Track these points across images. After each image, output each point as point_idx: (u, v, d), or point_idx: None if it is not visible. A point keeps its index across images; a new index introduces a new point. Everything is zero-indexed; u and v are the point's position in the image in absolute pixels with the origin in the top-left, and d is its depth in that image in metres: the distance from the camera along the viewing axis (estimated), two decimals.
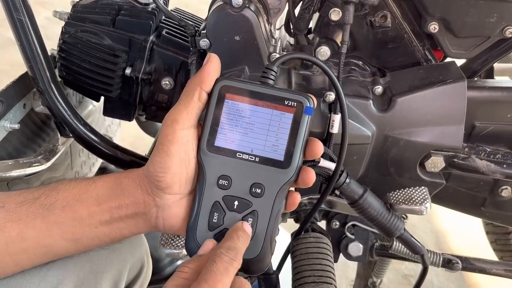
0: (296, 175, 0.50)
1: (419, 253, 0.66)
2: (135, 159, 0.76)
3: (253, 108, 0.50)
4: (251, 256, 0.49)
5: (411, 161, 0.69)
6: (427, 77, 0.68)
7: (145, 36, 0.75)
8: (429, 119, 0.66)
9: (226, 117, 0.50)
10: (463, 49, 0.69)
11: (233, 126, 0.50)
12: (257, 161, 0.49)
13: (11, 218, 0.50)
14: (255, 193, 0.49)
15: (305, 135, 0.50)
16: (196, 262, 0.46)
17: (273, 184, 0.49)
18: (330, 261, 0.64)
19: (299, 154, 0.49)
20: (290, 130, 0.49)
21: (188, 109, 0.49)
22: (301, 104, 0.49)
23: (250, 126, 0.50)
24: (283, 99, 0.49)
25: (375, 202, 0.61)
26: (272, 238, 0.50)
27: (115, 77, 0.74)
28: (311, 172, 0.51)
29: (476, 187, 0.77)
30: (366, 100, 0.66)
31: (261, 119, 0.50)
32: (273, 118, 0.49)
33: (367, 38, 0.71)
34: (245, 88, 0.50)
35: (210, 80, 0.50)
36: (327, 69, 0.54)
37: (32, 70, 0.69)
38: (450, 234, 1.66)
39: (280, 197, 0.50)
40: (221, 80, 0.50)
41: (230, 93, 0.50)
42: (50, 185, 0.53)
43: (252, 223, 0.49)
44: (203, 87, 0.50)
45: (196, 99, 0.50)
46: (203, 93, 0.50)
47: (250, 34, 0.64)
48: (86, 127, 0.73)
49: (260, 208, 0.50)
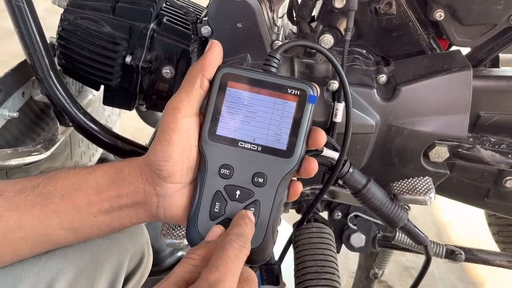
0: (298, 164, 0.49)
1: (422, 244, 0.65)
2: (136, 149, 0.75)
3: (256, 96, 0.49)
4: (253, 246, 0.49)
5: (415, 151, 0.68)
6: (432, 66, 0.67)
7: (146, 24, 0.74)
8: (433, 109, 0.65)
9: (228, 105, 0.49)
10: (469, 37, 0.68)
11: (235, 115, 0.49)
12: (260, 150, 0.49)
13: (9, 206, 0.49)
14: (257, 182, 0.49)
15: (308, 124, 0.49)
16: (204, 248, 0.45)
17: (275, 173, 0.49)
18: (333, 251, 0.63)
19: (302, 144, 0.49)
20: (293, 119, 0.48)
21: (190, 96, 0.49)
22: (304, 93, 0.48)
23: (253, 114, 0.49)
24: (286, 87, 0.49)
25: (379, 192, 0.60)
26: (274, 228, 0.50)
27: (115, 65, 0.73)
28: (313, 162, 0.50)
29: (480, 178, 0.76)
30: (370, 89, 0.65)
31: (264, 107, 0.49)
32: (275, 107, 0.49)
33: (371, 26, 0.69)
34: (247, 75, 0.49)
35: (212, 67, 0.50)
36: (331, 56, 0.53)
37: (31, 57, 0.68)
38: (451, 226, 1.65)
39: (283, 186, 0.49)
40: (223, 68, 0.50)
41: (232, 80, 0.49)
42: (48, 173, 0.52)
43: (254, 213, 0.49)
44: (205, 74, 0.49)
45: (198, 86, 0.49)
46: (205, 81, 0.49)
47: (252, 22, 0.63)
48: (86, 116, 0.72)
49: (262, 197, 0.49)
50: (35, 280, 0.53)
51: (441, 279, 1.46)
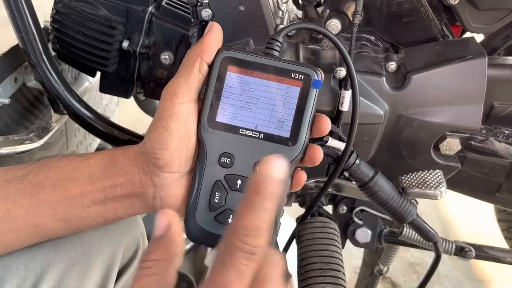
0: (303, 152, 0.47)
1: (432, 240, 0.62)
2: (133, 138, 0.73)
3: (257, 81, 0.46)
4: None
5: (425, 142, 0.65)
6: (444, 53, 0.63)
7: (144, 7, 0.71)
8: (445, 98, 0.62)
9: (228, 91, 0.47)
10: (484, 23, 0.64)
11: (235, 100, 0.47)
12: (262, 138, 0.46)
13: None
14: None
15: (313, 110, 0.46)
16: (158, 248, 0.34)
17: None
18: (338, 247, 0.60)
19: (306, 130, 0.46)
20: (296, 104, 0.46)
21: (188, 81, 0.46)
22: (308, 77, 0.46)
23: (254, 100, 0.47)
24: (289, 72, 0.46)
25: (386, 185, 0.58)
26: (276, 220, 0.47)
27: (111, 50, 0.70)
28: (318, 149, 0.47)
29: (492, 172, 0.73)
30: (379, 77, 0.62)
31: (266, 92, 0.46)
32: (278, 92, 0.46)
33: (381, 12, 0.66)
34: (248, 59, 0.46)
35: (211, 51, 0.47)
36: (337, 40, 0.50)
37: (23, 41, 0.65)
38: (457, 221, 1.63)
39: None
40: (223, 51, 0.47)
41: (233, 64, 0.47)
42: (40, 161, 0.50)
43: None
44: (203, 58, 0.47)
45: (196, 70, 0.46)
46: (203, 65, 0.47)
47: (255, 4, 0.59)
48: (80, 104, 0.70)
49: None
50: (24, 272, 0.51)
51: (447, 276, 1.44)
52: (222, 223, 0.47)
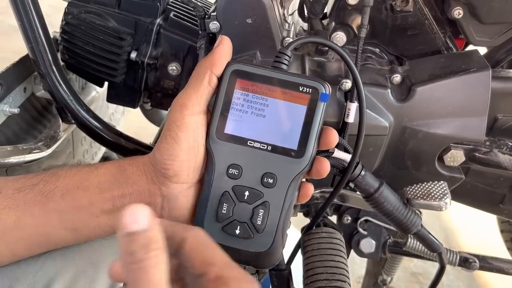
0: (310, 165, 0.47)
1: (436, 251, 0.62)
2: (140, 148, 0.73)
3: (266, 94, 0.47)
4: (262, 250, 0.47)
5: (429, 154, 0.65)
6: (448, 66, 0.64)
7: (152, 19, 0.71)
8: (450, 110, 0.63)
9: (237, 103, 0.47)
10: (488, 36, 0.65)
11: (244, 113, 0.47)
12: (269, 150, 0.47)
13: (8, 204, 0.48)
14: (266, 183, 0.47)
15: (320, 123, 0.47)
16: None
17: (285, 174, 0.47)
18: (343, 257, 0.60)
19: (313, 143, 0.47)
20: (304, 117, 0.47)
21: (198, 93, 0.47)
22: (316, 91, 0.46)
23: (262, 112, 0.47)
24: (297, 85, 0.47)
25: (392, 196, 0.58)
26: (283, 231, 0.48)
27: (119, 61, 0.71)
28: (325, 162, 0.48)
29: (496, 183, 0.73)
30: (384, 89, 0.63)
31: (274, 105, 0.47)
32: (286, 105, 0.47)
33: (386, 24, 0.67)
34: (257, 72, 0.47)
35: (221, 64, 0.48)
36: (344, 54, 0.51)
37: (33, 52, 0.66)
38: (460, 231, 1.63)
39: (293, 188, 0.47)
40: (232, 64, 0.48)
41: (242, 77, 0.47)
42: (49, 171, 0.50)
43: (263, 215, 0.47)
44: (213, 70, 0.47)
45: (206, 83, 0.47)
46: (213, 77, 0.47)
47: (263, 17, 0.60)
48: (89, 113, 0.70)
49: (271, 199, 0.47)
50: (33, 280, 0.51)
51: (450, 286, 1.43)
52: (229, 234, 0.47)
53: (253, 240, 0.47)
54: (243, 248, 0.47)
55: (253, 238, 0.47)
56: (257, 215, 0.47)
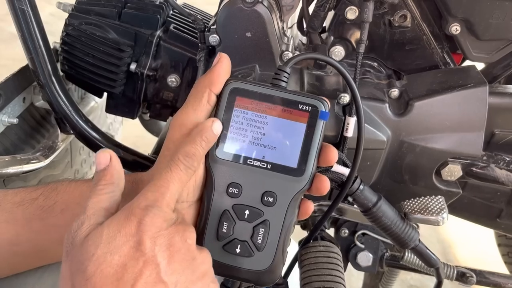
0: (310, 183, 0.47)
1: (434, 266, 0.62)
2: (138, 159, 0.73)
3: (265, 111, 0.47)
4: (262, 268, 0.46)
5: (427, 168, 0.66)
6: (446, 81, 0.65)
7: (152, 31, 0.72)
8: (447, 125, 0.63)
9: (236, 121, 0.47)
10: (485, 52, 0.66)
11: (243, 131, 0.47)
12: (269, 168, 0.46)
13: (6, 219, 0.47)
14: (267, 202, 0.47)
15: (320, 141, 0.47)
16: (106, 175, 0.43)
17: (286, 192, 0.46)
18: (341, 271, 0.60)
19: (313, 161, 0.46)
20: (304, 136, 0.46)
21: (197, 112, 0.47)
22: (315, 109, 0.46)
23: (262, 131, 0.47)
24: (297, 103, 0.46)
25: (390, 211, 0.58)
26: (284, 249, 0.47)
27: (119, 72, 0.71)
28: (325, 180, 0.48)
29: (493, 198, 0.73)
30: (382, 103, 0.63)
31: (274, 123, 0.46)
32: (286, 123, 0.46)
33: (384, 39, 0.68)
34: (256, 90, 0.47)
35: (220, 82, 0.47)
36: (344, 70, 0.51)
37: (33, 62, 0.66)
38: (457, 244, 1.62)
39: (293, 206, 0.47)
40: (231, 82, 0.47)
41: (241, 95, 0.47)
42: (49, 185, 0.50)
43: (263, 233, 0.47)
44: (212, 89, 0.47)
45: (205, 101, 0.47)
46: (212, 96, 0.47)
47: (262, 31, 0.61)
48: (87, 124, 0.70)
49: (272, 217, 0.47)
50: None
51: None
52: (230, 253, 0.47)
53: (253, 259, 0.47)
54: (244, 267, 0.47)
55: (253, 256, 0.47)
56: (258, 234, 0.47)
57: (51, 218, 0.48)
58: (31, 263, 0.50)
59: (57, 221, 0.48)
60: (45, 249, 0.49)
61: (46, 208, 0.48)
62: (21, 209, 0.48)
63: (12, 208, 0.48)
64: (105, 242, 0.38)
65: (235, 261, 0.47)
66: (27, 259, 0.49)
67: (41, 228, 0.48)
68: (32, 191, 0.49)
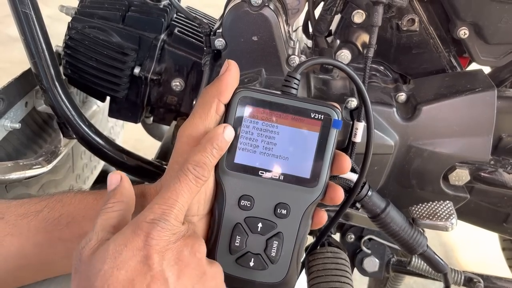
0: (323, 193, 0.46)
1: (442, 272, 0.62)
2: (141, 164, 0.72)
3: (276, 121, 0.45)
4: (277, 280, 0.46)
5: (434, 173, 0.65)
6: (453, 85, 0.64)
7: (156, 34, 0.71)
8: (455, 130, 0.63)
9: (247, 132, 0.45)
10: (493, 56, 0.65)
11: (254, 142, 0.45)
12: (282, 180, 0.45)
13: (11, 231, 0.46)
14: (280, 214, 0.46)
15: (333, 151, 0.45)
16: (117, 193, 0.43)
17: (299, 204, 0.46)
18: (349, 278, 0.60)
19: (326, 171, 0.45)
20: (316, 145, 0.45)
21: (205, 123, 0.45)
22: (328, 117, 0.45)
23: (273, 141, 0.45)
24: (309, 112, 0.45)
25: (398, 217, 0.57)
26: (298, 261, 0.47)
27: (123, 76, 0.71)
28: (339, 190, 0.46)
29: (500, 202, 0.73)
30: (390, 108, 0.62)
31: (285, 133, 0.45)
32: (298, 133, 0.45)
33: (391, 43, 0.67)
34: (266, 99, 0.45)
35: (228, 91, 0.46)
36: (355, 76, 0.50)
37: (36, 67, 0.65)
38: (459, 247, 1.61)
39: (307, 217, 0.46)
40: (240, 90, 0.45)
41: (251, 105, 0.45)
42: (54, 196, 0.49)
43: (277, 246, 0.46)
44: (221, 99, 0.45)
45: (213, 112, 0.45)
46: (220, 106, 0.45)
47: (268, 35, 0.60)
48: (90, 129, 0.69)
49: (285, 229, 0.46)
50: None
51: None
52: (243, 266, 0.46)
53: (267, 271, 0.46)
54: (258, 280, 0.46)
55: (267, 269, 0.46)
56: (271, 247, 0.46)
57: (56, 231, 0.47)
58: (36, 276, 0.49)
59: (62, 234, 0.47)
60: (50, 262, 0.48)
61: (51, 220, 0.47)
62: (26, 222, 0.47)
63: (16, 220, 0.47)
64: (112, 257, 0.37)
65: (249, 275, 0.46)
66: (33, 272, 0.48)
67: (47, 242, 0.47)
68: (37, 202, 0.48)
